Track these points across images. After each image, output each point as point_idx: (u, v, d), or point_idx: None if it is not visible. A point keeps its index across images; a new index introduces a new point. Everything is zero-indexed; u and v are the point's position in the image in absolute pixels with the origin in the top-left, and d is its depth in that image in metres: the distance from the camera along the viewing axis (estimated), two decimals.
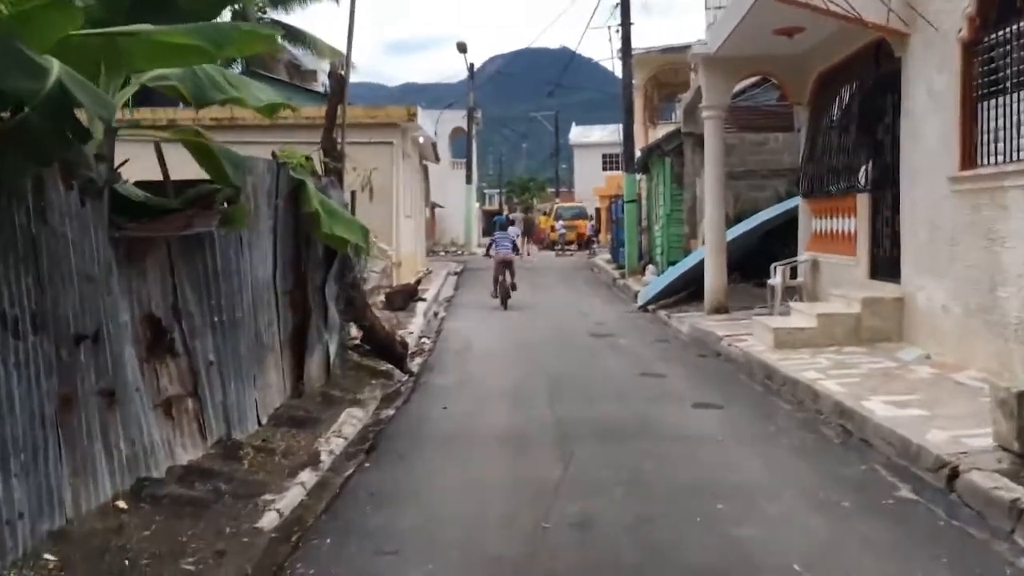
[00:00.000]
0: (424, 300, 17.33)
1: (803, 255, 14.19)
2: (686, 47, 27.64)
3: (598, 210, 52.27)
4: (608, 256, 30.62)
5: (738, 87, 19.24)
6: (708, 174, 14.56)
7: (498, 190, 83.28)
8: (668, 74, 29.79)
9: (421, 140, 23.11)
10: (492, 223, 35.05)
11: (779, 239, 16.80)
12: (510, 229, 19.84)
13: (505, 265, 18.18)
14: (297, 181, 7.84)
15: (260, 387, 7.05)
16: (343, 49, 35.53)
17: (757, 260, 17.08)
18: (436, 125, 31.24)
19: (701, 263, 15.60)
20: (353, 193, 13.85)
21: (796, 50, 13.37)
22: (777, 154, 18.67)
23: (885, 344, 10.20)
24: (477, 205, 55.96)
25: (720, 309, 14.40)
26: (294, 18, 37.48)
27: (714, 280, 14.55)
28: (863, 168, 11.80)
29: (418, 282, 18.21)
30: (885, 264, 11.04)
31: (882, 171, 11.11)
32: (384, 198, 19.79)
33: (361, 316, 9.61)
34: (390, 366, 10.02)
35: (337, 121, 9.64)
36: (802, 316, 11.15)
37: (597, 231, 44.80)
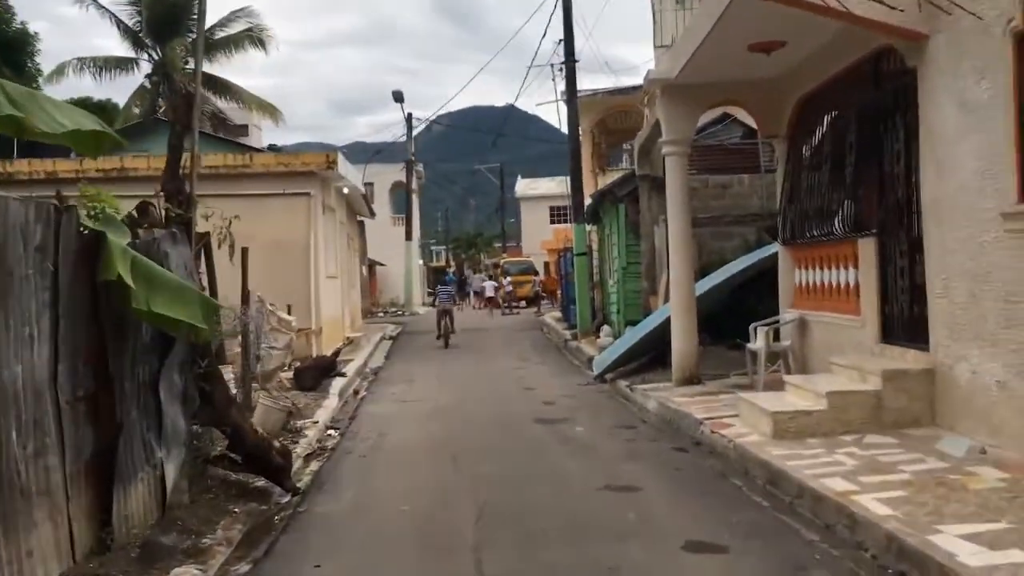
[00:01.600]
0: (344, 375, 14.71)
1: (787, 313, 11.95)
2: (635, 88, 25.83)
3: (547, 264, 50.24)
4: (558, 314, 28.32)
5: (701, 124, 17.27)
6: (672, 220, 12.31)
7: (444, 246, 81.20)
8: (616, 119, 27.94)
9: (346, 191, 20.67)
10: (441, 280, 39.81)
11: (752, 294, 14.63)
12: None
13: (445, 312, 22.17)
14: (92, 235, 5.31)
15: (7, 560, 4.42)
16: (274, 102, 33.01)
17: (727, 318, 14.89)
18: (362, 177, 28.87)
19: (665, 324, 13.32)
20: (244, 250, 11.30)
21: (772, 72, 11.29)
22: (743, 198, 16.60)
23: (916, 430, 7.89)
24: (421, 262, 53.55)
25: (691, 379, 12.05)
26: (219, 69, 35.03)
27: (683, 345, 12.21)
28: (861, 207, 9.65)
29: (336, 353, 15.58)
30: (902, 325, 8.81)
31: (892, 210, 8.94)
32: (298, 256, 17.30)
33: (221, 417, 7.02)
34: (267, 481, 7.42)
35: (187, 153, 7.14)
36: (802, 394, 8.81)
37: (545, 287, 42.59)
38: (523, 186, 61.01)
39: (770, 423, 8.15)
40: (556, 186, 59.95)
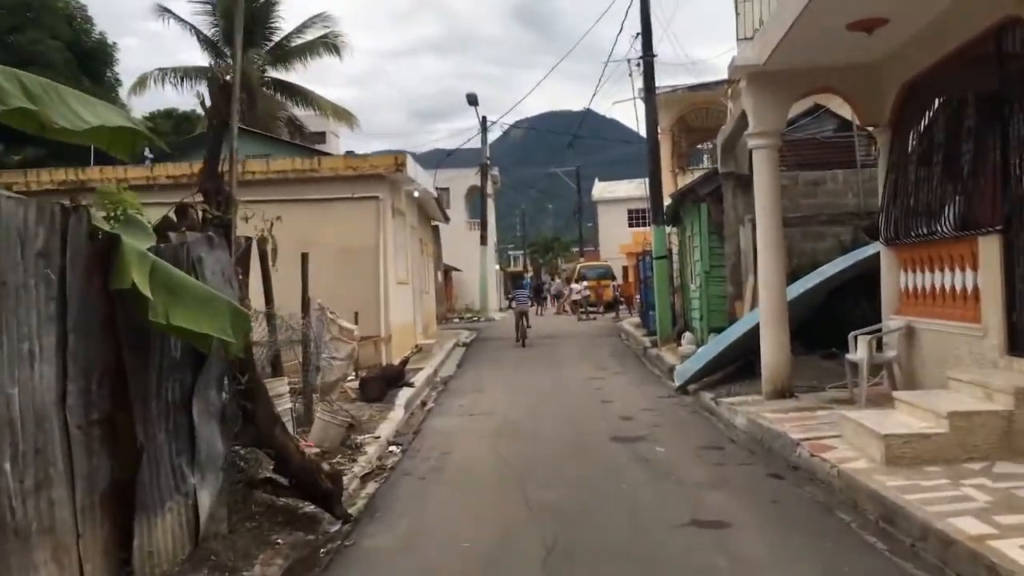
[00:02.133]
0: (412, 386, 14.10)
1: (892, 320, 10.82)
2: (718, 83, 24.71)
3: (625, 268, 49.13)
4: (637, 320, 27.30)
5: (791, 116, 16.17)
6: (761, 220, 11.30)
7: (522, 251, 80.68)
8: (697, 117, 26.84)
9: (417, 194, 20.13)
10: (518, 284, 41.03)
11: (849, 299, 13.49)
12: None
13: (522, 314, 24.23)
14: (107, 239, 4.72)
15: None
16: (355, 112, 32.88)
17: (821, 326, 13.78)
18: (433, 181, 28.41)
19: (752, 331, 12.31)
20: (304, 256, 10.80)
21: (873, 55, 10.25)
22: (837, 196, 15.41)
23: None
24: (498, 267, 53.07)
25: (783, 392, 11.02)
26: (295, 76, 35.28)
27: (774, 355, 11.19)
28: (981, 202, 8.53)
29: (404, 362, 14.98)
30: None
31: (1021, 204, 7.82)
32: (367, 262, 16.81)
33: (265, 438, 6.40)
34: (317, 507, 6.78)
35: (232, 154, 6.54)
36: (916, 413, 7.75)
37: (623, 292, 41.56)
38: (600, 189, 59.98)
39: (881, 447, 7.14)
40: (634, 189, 58.78)
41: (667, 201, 20.20)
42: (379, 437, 10.00)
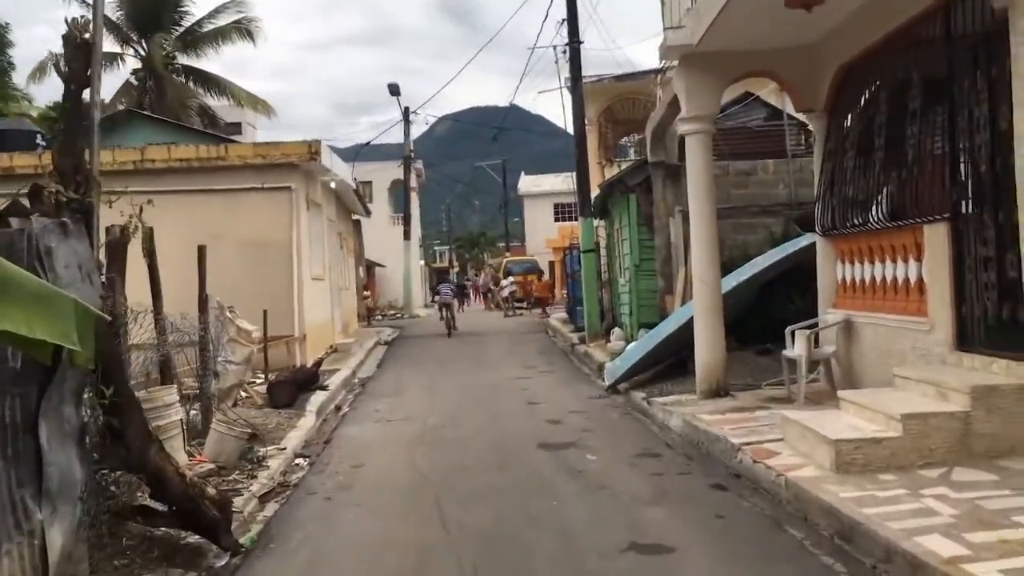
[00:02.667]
0: (326, 389, 13.16)
1: (829, 314, 10.36)
2: (645, 73, 24.30)
3: (551, 263, 48.64)
4: (564, 315, 26.74)
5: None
6: (694, 209, 10.72)
7: (448, 246, 79.69)
8: (623, 108, 26.38)
9: (333, 185, 19.09)
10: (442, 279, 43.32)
11: (781, 292, 13.09)
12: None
13: (447, 306, 25.46)
14: None
15: None
16: (276, 105, 31.43)
17: (753, 320, 13.35)
18: (352, 171, 27.42)
19: (685, 327, 11.78)
20: (201, 249, 9.81)
21: (811, 36, 9.77)
22: (768, 186, 15.02)
23: (1015, 462, 6.31)
24: (422, 263, 52.05)
25: (719, 391, 10.48)
26: (212, 66, 33.81)
27: (710, 352, 10.63)
28: (927, 188, 8.07)
29: (318, 363, 14.02)
30: (986, 329, 7.22)
31: (971, 190, 7.35)
32: (279, 256, 15.76)
33: (137, 460, 5.46)
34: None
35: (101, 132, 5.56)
36: (864, 414, 7.22)
37: (552, 287, 41.07)
38: (527, 183, 59.40)
39: (830, 453, 6.57)
40: (560, 183, 58.39)
41: (595, 193, 19.61)
42: (285, 448, 9.08)
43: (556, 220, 53.93)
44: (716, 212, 10.86)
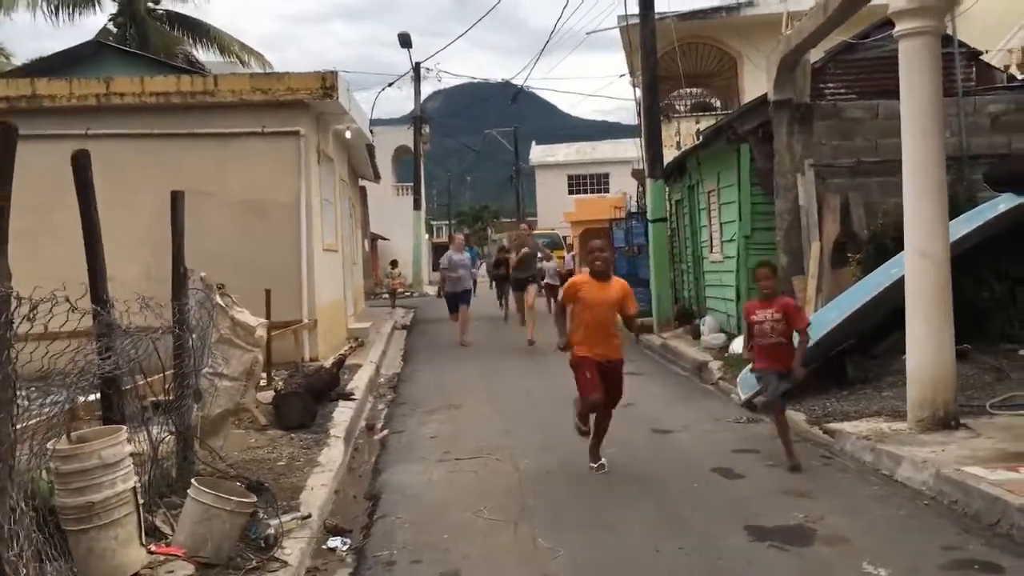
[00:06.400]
0: (352, 398, 9.69)
1: None
2: (716, 10, 20.74)
3: (565, 239, 45.08)
4: None
5: (860, 30, 12.20)
6: (914, 146, 7.22)
7: (446, 222, 75.98)
8: (672, 61, 22.67)
9: (349, 135, 15.45)
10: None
11: (968, 274, 9.63)
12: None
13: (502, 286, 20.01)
14: None
15: None
16: (256, 47, 27.63)
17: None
18: (367, 123, 23.84)
19: (856, 318, 8.50)
20: (177, 196, 6.30)
21: None
22: None
23: None
24: (427, 237, 48.43)
25: (948, 420, 7.09)
26: (193, 11, 30.21)
27: (932, 360, 7.18)
28: None
29: (339, 364, 10.47)
30: None
31: None
32: (284, 220, 12.29)
33: None
34: None
35: None
36: None
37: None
38: (538, 153, 55.66)
39: None
40: (574, 153, 54.95)
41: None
42: (309, 517, 5.59)
43: (571, 193, 50.38)
44: (859, 167, 7.38)
